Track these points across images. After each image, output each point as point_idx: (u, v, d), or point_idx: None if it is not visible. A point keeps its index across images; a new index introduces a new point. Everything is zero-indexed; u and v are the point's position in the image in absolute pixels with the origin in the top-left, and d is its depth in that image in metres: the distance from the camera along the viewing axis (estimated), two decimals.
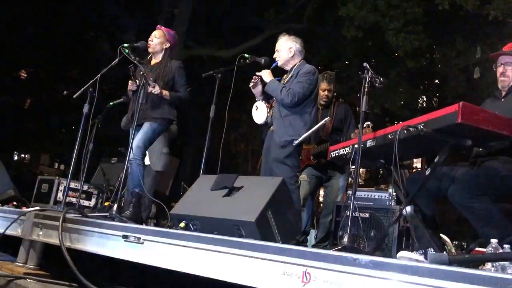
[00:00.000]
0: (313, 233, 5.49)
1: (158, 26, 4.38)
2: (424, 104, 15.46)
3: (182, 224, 3.24)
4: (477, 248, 3.04)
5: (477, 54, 10.17)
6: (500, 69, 2.93)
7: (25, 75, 18.10)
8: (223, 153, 4.09)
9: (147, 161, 5.28)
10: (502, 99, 2.94)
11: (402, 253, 2.46)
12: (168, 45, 4.25)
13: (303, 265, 1.28)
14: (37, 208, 2.53)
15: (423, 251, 2.45)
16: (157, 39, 4.22)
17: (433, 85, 14.56)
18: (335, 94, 5.06)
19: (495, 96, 3.04)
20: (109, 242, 1.89)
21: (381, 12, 10.47)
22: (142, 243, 1.74)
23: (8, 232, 2.40)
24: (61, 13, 14.85)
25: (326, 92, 4.76)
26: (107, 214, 3.24)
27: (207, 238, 1.57)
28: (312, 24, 12.76)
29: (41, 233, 2.24)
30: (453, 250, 4.20)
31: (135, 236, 1.75)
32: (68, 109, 15.69)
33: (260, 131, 4.51)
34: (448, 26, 11.58)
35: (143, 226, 1.80)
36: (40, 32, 14.91)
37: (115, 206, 3.28)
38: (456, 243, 4.47)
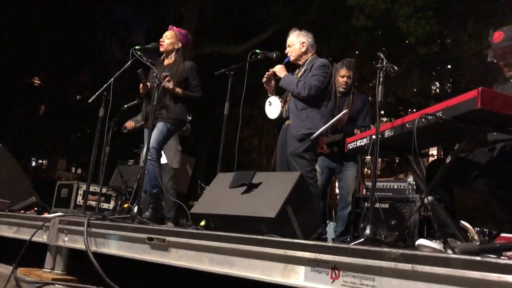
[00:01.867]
0: (331, 226, 5.47)
1: (170, 26, 4.39)
2: (438, 90, 15.26)
3: (202, 223, 3.26)
4: (502, 234, 3.00)
5: (490, 37, 9.97)
6: (501, 63, 2.87)
7: (39, 82, 18.31)
8: (236, 149, 4.09)
9: (164, 159, 5.33)
10: (511, 80, 2.88)
11: (421, 241, 2.43)
12: (180, 45, 4.25)
13: (332, 261, 1.27)
14: (61, 214, 2.56)
15: (442, 240, 2.42)
16: (169, 39, 4.23)
17: (446, 71, 14.34)
18: (355, 83, 4.99)
19: (501, 81, 2.97)
20: (135, 245, 1.90)
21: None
22: (167, 244, 1.75)
23: (34, 239, 2.43)
24: (69, 17, 14.95)
25: (345, 79, 4.71)
26: (128, 216, 3.28)
27: (232, 237, 1.56)
28: (320, 16, 12.66)
29: (66, 238, 2.27)
30: (475, 237, 4.15)
31: (160, 238, 1.76)
32: (82, 113, 15.85)
33: (274, 126, 4.49)
34: (459, 9, 11.38)
35: (168, 228, 1.81)
36: (49, 38, 15.03)
37: (135, 208, 3.31)
38: (478, 229, 4.41)
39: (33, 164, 24.21)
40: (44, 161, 26.97)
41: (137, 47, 3.85)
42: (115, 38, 17.04)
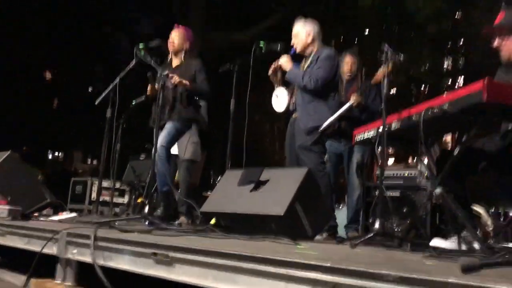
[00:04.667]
0: (344, 211, 5.42)
1: (176, 25, 4.35)
2: (449, 67, 14.98)
3: (212, 221, 3.29)
4: None
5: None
6: (498, 42, 2.75)
7: (50, 76, 18.46)
8: (247, 136, 4.00)
9: (174, 150, 5.28)
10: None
11: (435, 241, 2.42)
12: (188, 44, 4.24)
13: (331, 282, 1.25)
14: (69, 225, 2.59)
15: (456, 238, 2.40)
16: (177, 38, 4.21)
17: (457, 47, 14.04)
18: (362, 69, 4.83)
19: (505, 67, 2.85)
20: (140, 260, 1.92)
21: None
22: (171, 260, 1.76)
23: (45, 251, 2.47)
24: (76, 13, 14.98)
25: (349, 65, 4.55)
26: (139, 216, 3.32)
27: (235, 255, 1.56)
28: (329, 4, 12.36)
29: (75, 251, 2.29)
30: (488, 222, 4.12)
31: (164, 254, 1.77)
32: (94, 105, 15.97)
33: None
34: None
35: (172, 243, 1.81)
36: (58, 32, 15.10)
37: (146, 208, 3.35)
38: (493, 211, 4.36)
39: (50, 156, 24.51)
40: (60, 154, 27.29)
41: (140, 45, 3.80)
42: (124, 32, 17.00)
